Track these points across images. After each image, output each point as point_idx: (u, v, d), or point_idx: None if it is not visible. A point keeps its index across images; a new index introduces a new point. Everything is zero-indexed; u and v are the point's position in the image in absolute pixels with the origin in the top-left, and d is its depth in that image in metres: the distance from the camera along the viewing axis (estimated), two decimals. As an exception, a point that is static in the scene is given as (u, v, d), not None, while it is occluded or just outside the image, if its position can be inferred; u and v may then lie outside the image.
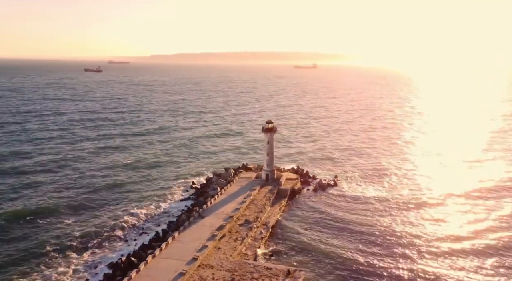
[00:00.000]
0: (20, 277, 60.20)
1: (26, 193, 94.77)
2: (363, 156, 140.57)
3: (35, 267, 62.90)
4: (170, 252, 62.69)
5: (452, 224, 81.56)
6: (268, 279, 57.73)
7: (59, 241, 71.99)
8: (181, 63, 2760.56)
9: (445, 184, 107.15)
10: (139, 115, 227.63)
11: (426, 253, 69.57)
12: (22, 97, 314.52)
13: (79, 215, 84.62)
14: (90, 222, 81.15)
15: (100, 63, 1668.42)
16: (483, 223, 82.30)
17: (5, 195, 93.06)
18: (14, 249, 68.78)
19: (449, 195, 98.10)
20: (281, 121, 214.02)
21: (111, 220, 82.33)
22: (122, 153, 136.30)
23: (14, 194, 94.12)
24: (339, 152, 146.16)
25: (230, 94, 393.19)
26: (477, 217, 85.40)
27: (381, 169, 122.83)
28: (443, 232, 77.83)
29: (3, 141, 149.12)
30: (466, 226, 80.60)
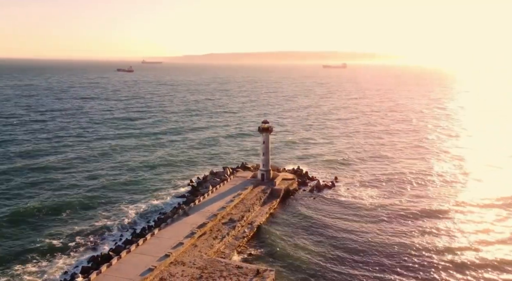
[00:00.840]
0: (5, 268, 63.61)
1: (29, 190, 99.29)
2: (377, 159, 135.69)
3: (19, 261, 65.89)
4: (145, 248, 64.50)
5: (448, 237, 75.73)
6: (236, 278, 58.34)
7: (52, 235, 75.15)
8: (212, 63, 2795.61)
9: (455, 192, 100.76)
10: (158, 115, 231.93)
11: (413, 266, 66.05)
12: (54, 95, 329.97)
13: (78, 210, 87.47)
14: (86, 217, 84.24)
15: (134, 63, 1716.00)
16: (485, 237, 76.05)
17: (10, 191, 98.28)
18: (7, 244, 72.71)
19: (457, 205, 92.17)
20: (300, 122, 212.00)
21: (106, 216, 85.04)
22: (133, 152, 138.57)
23: (18, 190, 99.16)
24: (354, 154, 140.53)
25: (254, 94, 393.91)
26: (481, 229, 79.44)
27: (390, 173, 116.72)
28: (437, 245, 72.40)
29: (25, 138, 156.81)
30: (464, 239, 75.42)
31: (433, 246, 72.12)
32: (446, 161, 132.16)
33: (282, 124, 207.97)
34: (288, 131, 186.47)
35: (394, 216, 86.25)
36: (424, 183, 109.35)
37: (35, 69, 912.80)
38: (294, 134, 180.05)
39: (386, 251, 70.88)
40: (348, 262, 67.51)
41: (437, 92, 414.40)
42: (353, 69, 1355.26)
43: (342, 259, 68.68)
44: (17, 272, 62.51)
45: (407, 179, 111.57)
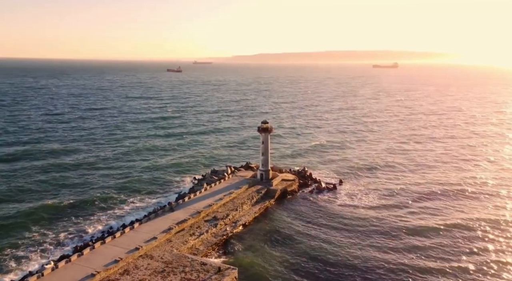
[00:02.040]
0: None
1: (40, 186, 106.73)
2: (399, 167, 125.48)
3: (12, 248, 71.83)
4: (120, 240, 67.73)
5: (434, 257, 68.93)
6: (196, 274, 59.70)
7: (50, 226, 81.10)
8: (261, 63, 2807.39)
9: (464, 210, 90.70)
10: (192, 114, 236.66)
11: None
12: (102, 95, 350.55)
13: (80, 203, 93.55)
14: (84, 209, 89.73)
15: (186, 64, 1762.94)
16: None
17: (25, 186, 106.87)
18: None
19: (453, 225, 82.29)
20: (335, 125, 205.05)
21: (103, 208, 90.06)
22: (157, 152, 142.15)
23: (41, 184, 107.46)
24: (378, 160, 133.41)
25: (293, 94, 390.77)
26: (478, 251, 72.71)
27: (405, 184, 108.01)
28: (418, 263, 66.77)
29: (62, 134, 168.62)
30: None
31: (412, 268, 65.52)
32: (482, 175, 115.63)
33: (318, 125, 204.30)
34: (320, 133, 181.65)
35: (382, 230, 79.47)
36: (439, 198, 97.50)
37: (93, 70, 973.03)
38: (327, 136, 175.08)
39: (358, 267, 65.90)
40: (310, 274, 64.75)
41: (497, 94, 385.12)
42: (405, 68, 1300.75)
43: (304, 269, 65.89)
44: (6, 257, 68.17)
45: (421, 193, 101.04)
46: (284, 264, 67.51)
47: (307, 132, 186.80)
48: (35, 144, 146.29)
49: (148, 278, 58.18)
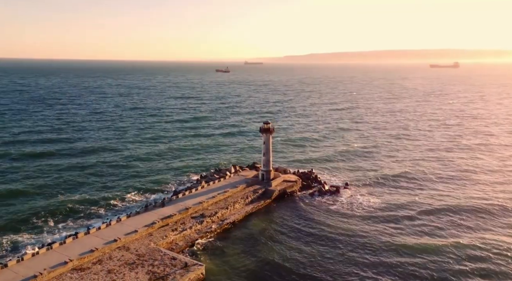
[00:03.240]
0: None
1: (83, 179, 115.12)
2: (419, 178, 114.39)
3: (16, 231, 78.62)
4: (103, 232, 71.51)
5: None
6: (163, 267, 61.74)
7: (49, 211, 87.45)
8: (311, 63, 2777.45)
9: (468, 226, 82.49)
10: (222, 115, 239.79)
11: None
12: (147, 94, 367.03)
13: (86, 193, 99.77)
14: (87, 200, 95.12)
15: (237, 64, 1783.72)
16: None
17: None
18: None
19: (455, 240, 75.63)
20: (374, 129, 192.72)
21: (105, 200, 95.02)
22: (179, 153, 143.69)
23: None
24: (401, 168, 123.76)
25: (338, 95, 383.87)
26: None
27: (420, 199, 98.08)
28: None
29: (90, 136, 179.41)
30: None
31: None
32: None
33: (354, 128, 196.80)
34: (352, 137, 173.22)
35: (362, 244, 74.00)
36: (446, 217, 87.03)
37: (144, 71, 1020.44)
38: (358, 140, 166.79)
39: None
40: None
41: None
42: (468, 68, 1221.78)
43: (264, 275, 64.88)
44: (13, 238, 74.79)
45: (428, 210, 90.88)
46: (251, 266, 67.29)
47: (338, 135, 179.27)
48: (68, 142, 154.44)
49: (117, 268, 61.14)
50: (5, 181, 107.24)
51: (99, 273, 59.76)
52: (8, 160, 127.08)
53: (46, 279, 57.27)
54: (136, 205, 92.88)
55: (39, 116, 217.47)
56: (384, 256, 70.05)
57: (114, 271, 60.40)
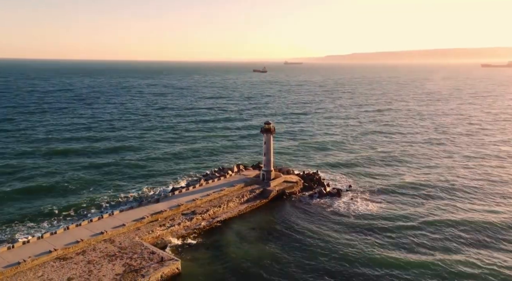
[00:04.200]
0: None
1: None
2: (429, 191, 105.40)
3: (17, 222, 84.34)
4: (94, 224, 75.05)
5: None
6: (140, 261, 63.96)
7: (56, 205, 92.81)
8: (354, 63, 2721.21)
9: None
10: (248, 116, 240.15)
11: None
12: (179, 94, 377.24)
13: (97, 185, 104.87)
14: (95, 197, 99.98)
15: (277, 65, 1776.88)
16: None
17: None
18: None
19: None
20: (394, 136, 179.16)
21: (111, 198, 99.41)
22: (188, 153, 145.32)
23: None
24: (415, 177, 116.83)
25: (370, 96, 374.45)
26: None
27: (421, 210, 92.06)
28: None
29: (115, 135, 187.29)
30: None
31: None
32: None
33: (384, 131, 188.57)
34: (372, 143, 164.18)
35: (341, 253, 70.77)
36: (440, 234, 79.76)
37: (184, 71, 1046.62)
38: (379, 146, 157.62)
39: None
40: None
41: None
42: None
43: (246, 275, 64.95)
44: (14, 228, 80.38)
45: (430, 222, 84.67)
46: (228, 265, 67.86)
47: (364, 138, 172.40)
48: (93, 141, 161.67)
49: (97, 259, 64.14)
50: (25, 176, 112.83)
51: (79, 263, 63.01)
52: (36, 157, 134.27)
53: (30, 266, 61.24)
54: (134, 200, 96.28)
55: (75, 114, 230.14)
56: (358, 268, 66.39)
57: (93, 262, 63.44)
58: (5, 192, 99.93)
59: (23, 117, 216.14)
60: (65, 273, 60.04)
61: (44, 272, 60.26)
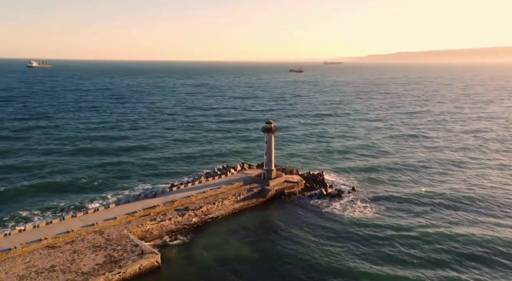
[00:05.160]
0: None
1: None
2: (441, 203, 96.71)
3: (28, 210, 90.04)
4: (88, 216, 78.65)
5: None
6: (121, 253, 66.45)
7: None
8: (398, 63, 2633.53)
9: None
10: (273, 117, 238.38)
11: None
12: (209, 94, 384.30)
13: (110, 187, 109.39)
14: (102, 195, 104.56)
15: (316, 64, 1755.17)
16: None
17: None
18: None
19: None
20: (428, 142, 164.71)
21: (116, 190, 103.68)
22: (204, 155, 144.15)
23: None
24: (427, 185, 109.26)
25: (403, 97, 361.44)
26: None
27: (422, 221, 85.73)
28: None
29: (136, 134, 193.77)
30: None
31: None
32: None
33: (411, 135, 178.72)
34: (399, 151, 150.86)
35: (326, 263, 67.74)
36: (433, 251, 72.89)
37: (221, 71, 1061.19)
38: (410, 152, 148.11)
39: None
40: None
41: None
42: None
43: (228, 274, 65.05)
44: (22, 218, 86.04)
45: (423, 237, 77.63)
46: (210, 261, 68.81)
47: (390, 142, 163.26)
48: (116, 140, 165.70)
49: (83, 249, 67.40)
50: (46, 172, 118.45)
51: (66, 252, 66.52)
52: (59, 154, 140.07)
53: (20, 253, 65.48)
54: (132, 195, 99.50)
55: (106, 113, 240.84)
56: (325, 278, 63.86)
57: (79, 251, 66.75)
58: (22, 185, 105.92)
59: (59, 115, 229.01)
60: (50, 261, 63.67)
61: (32, 258, 64.22)
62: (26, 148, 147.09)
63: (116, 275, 61.23)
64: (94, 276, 59.67)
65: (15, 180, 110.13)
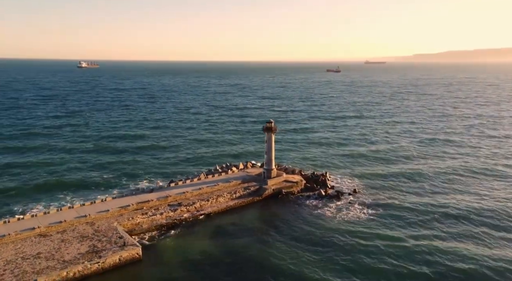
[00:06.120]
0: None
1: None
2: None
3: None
4: (84, 208, 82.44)
5: None
6: (105, 243, 69.24)
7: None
8: (447, 62, 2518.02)
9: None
10: (297, 117, 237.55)
11: None
12: (238, 93, 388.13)
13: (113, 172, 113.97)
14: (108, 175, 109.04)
15: (356, 64, 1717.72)
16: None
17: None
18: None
19: None
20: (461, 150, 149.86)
21: (121, 187, 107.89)
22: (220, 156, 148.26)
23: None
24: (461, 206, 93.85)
25: (437, 98, 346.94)
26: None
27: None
28: None
29: (158, 134, 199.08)
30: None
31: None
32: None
33: (439, 142, 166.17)
34: (424, 155, 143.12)
35: (306, 268, 65.23)
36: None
37: (256, 71, 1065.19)
38: (432, 160, 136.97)
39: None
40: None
41: None
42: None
43: (207, 272, 65.47)
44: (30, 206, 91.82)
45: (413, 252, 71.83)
46: (192, 256, 70.01)
47: (403, 149, 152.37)
48: (136, 139, 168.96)
49: (70, 239, 70.94)
50: (59, 170, 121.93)
51: (54, 240, 70.35)
52: (81, 151, 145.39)
53: (13, 239, 70.11)
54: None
55: (136, 112, 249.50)
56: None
57: (66, 240, 70.38)
58: (37, 181, 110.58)
59: (91, 113, 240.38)
60: (38, 248, 67.62)
61: (22, 245, 68.53)
62: (51, 144, 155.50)
63: (95, 265, 63.92)
64: (74, 264, 62.73)
65: (32, 176, 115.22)
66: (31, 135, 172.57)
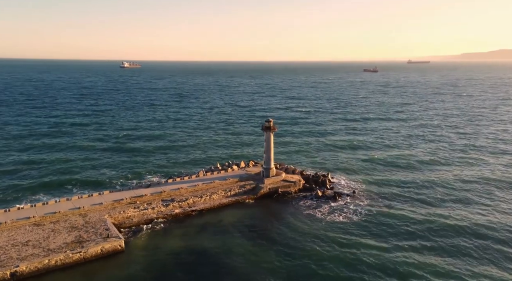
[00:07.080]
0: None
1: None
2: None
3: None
4: (80, 201, 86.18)
5: None
6: (90, 234, 72.18)
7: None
8: (498, 61, 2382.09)
9: None
10: (311, 118, 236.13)
11: None
12: (266, 93, 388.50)
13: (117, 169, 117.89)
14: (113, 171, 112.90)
15: (398, 64, 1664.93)
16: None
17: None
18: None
19: None
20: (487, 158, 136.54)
21: (130, 174, 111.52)
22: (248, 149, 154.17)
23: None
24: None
25: (482, 102, 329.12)
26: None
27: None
28: None
29: (173, 133, 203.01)
30: None
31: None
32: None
33: (465, 147, 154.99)
34: (448, 162, 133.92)
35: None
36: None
37: (293, 71, 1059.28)
38: (456, 168, 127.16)
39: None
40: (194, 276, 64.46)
41: None
42: None
43: (192, 269, 66.05)
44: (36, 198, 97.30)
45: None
46: (176, 251, 71.27)
47: (427, 155, 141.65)
48: (152, 139, 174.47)
49: (61, 229, 74.57)
50: (71, 168, 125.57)
51: (46, 230, 74.23)
52: (96, 150, 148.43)
53: (9, 227, 74.69)
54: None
55: (160, 111, 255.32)
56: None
57: (56, 230, 74.06)
58: (48, 178, 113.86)
59: (118, 112, 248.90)
60: (28, 236, 71.63)
61: (16, 233, 72.86)
62: (73, 142, 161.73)
63: (77, 254, 66.79)
64: (56, 253, 65.98)
65: (44, 172, 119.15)
66: (58, 133, 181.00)
